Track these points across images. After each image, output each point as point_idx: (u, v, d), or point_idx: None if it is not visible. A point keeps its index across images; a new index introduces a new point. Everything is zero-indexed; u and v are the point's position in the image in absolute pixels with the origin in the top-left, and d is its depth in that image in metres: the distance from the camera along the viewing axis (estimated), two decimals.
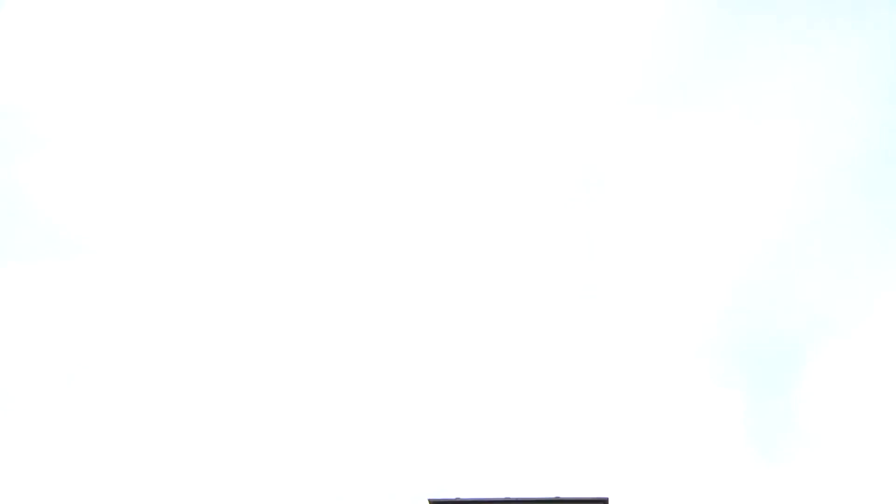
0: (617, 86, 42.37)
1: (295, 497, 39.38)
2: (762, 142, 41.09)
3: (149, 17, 41.16)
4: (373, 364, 42.03)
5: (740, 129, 41.12)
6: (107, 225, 40.38)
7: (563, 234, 43.36)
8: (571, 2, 42.05)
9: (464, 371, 43.74)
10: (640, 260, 42.61)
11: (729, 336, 43.59)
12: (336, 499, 40.04)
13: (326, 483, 40.54)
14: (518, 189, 41.70)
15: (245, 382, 39.79)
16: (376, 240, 42.25)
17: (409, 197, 42.19)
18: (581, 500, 15.11)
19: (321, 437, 41.66)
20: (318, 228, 42.62)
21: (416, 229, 43.04)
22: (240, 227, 41.34)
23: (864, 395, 40.24)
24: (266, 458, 39.64)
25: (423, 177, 42.69)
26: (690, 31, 42.72)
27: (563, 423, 43.16)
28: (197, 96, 41.25)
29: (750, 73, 41.06)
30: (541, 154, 42.15)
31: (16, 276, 37.83)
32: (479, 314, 43.46)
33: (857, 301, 40.54)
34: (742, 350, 43.98)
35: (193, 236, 41.67)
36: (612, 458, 43.03)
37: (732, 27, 42.13)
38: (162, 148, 40.77)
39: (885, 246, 40.16)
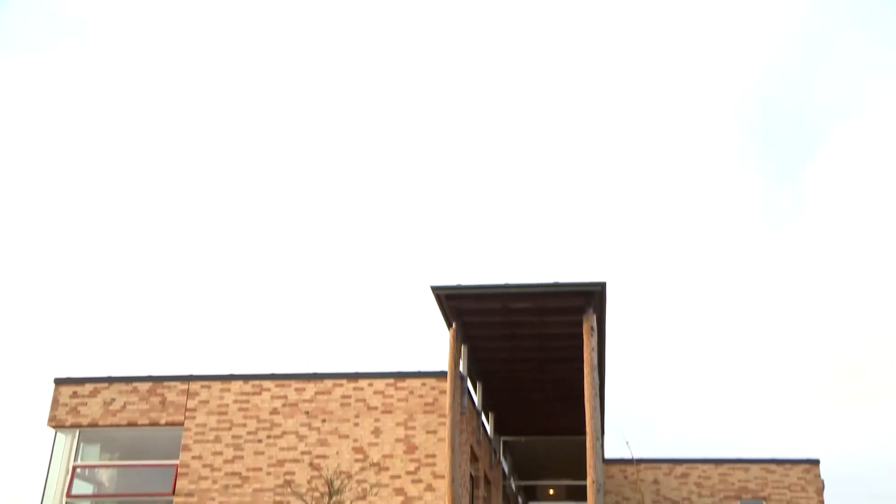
0: None
1: (298, 285, 39.09)
2: None
3: None
4: (373, 151, 41.16)
5: None
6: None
7: (590, 19, 41.41)
8: None
9: (467, 154, 42.75)
10: (665, 46, 41.17)
11: (751, 119, 42.97)
12: (341, 288, 39.73)
13: (333, 272, 40.21)
14: None
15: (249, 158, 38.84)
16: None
17: None
18: (579, 285, 15.02)
19: (326, 226, 40.99)
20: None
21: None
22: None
23: (872, 178, 40.00)
24: (270, 239, 39.07)
25: None
26: None
27: (571, 206, 42.45)
28: None
29: None
30: None
31: (27, 65, 36.31)
32: (492, 96, 42.07)
33: (876, 88, 39.54)
34: (762, 134, 43.52)
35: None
36: (615, 243, 42.63)
37: None
38: None
39: None
